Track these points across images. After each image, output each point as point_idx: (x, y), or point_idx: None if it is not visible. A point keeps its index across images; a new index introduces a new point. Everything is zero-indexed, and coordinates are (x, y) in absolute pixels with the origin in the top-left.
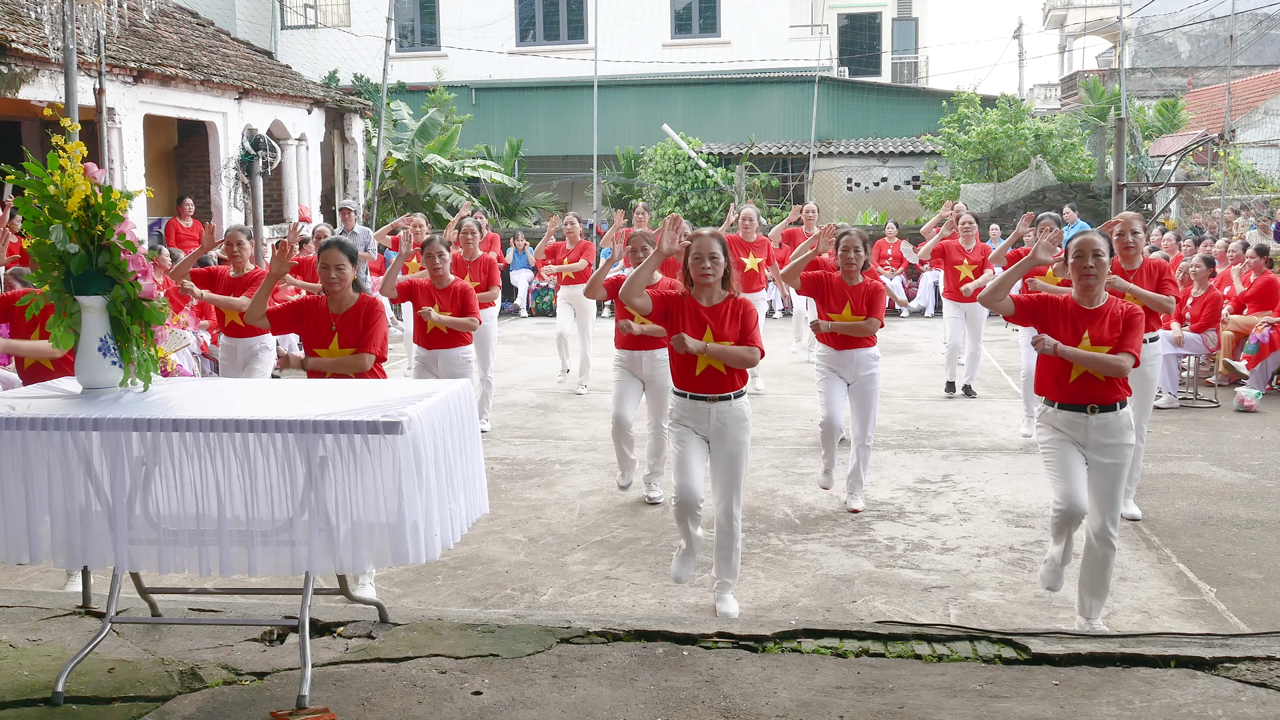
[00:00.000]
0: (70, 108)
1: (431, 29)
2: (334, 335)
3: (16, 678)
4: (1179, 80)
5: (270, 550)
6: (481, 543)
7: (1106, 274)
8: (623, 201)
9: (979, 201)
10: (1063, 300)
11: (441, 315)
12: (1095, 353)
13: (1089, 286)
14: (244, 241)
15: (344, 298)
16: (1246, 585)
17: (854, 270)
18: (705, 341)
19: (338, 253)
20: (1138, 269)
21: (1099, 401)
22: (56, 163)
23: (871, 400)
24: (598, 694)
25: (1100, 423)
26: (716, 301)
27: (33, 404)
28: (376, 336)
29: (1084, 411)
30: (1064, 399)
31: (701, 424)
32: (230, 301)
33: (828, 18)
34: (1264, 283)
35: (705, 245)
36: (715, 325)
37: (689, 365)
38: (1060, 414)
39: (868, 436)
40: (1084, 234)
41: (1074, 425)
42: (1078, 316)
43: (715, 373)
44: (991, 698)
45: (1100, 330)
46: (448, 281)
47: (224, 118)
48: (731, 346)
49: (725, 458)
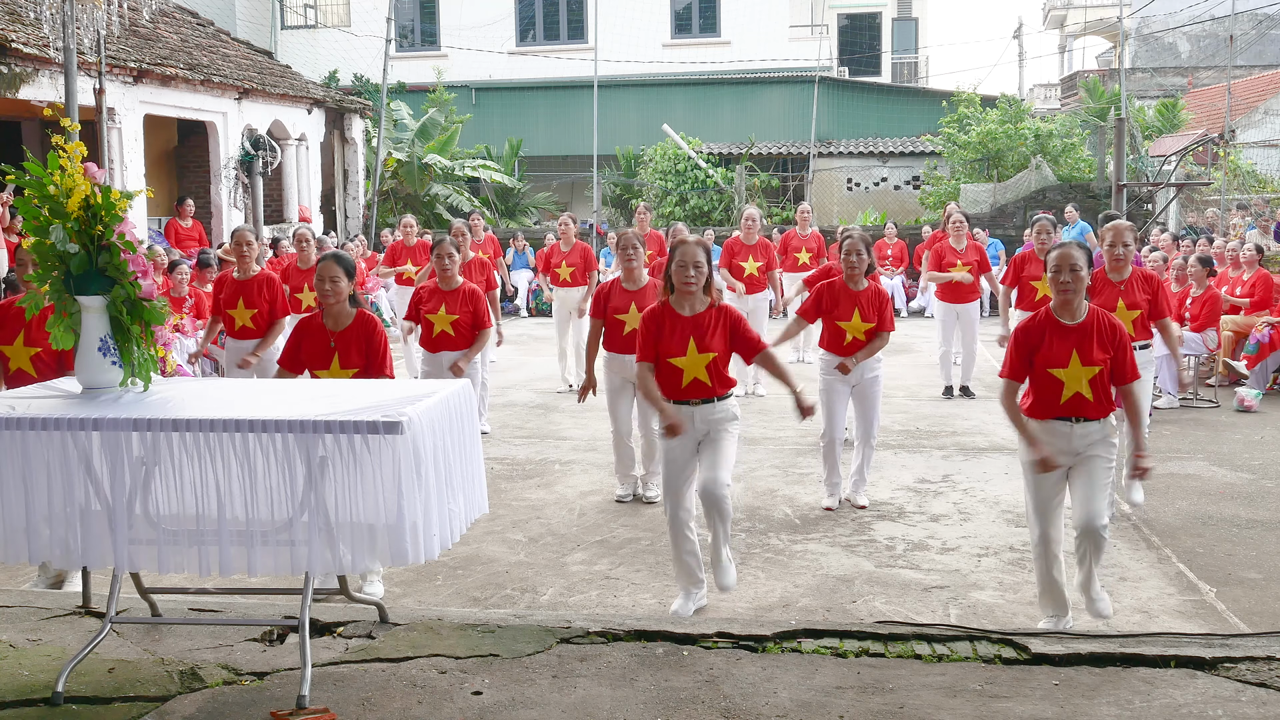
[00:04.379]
0: (70, 108)
1: (431, 29)
2: (334, 354)
3: (16, 678)
4: (1179, 80)
5: (270, 550)
6: (481, 543)
7: (1085, 286)
8: (623, 202)
9: (979, 201)
10: (1040, 319)
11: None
12: (1136, 411)
13: (1067, 301)
14: (252, 242)
15: (340, 313)
16: (1246, 585)
17: (857, 274)
18: (691, 353)
19: (334, 265)
20: (1126, 279)
21: (1086, 416)
22: (56, 163)
23: (875, 402)
24: (598, 694)
25: (1083, 431)
26: (699, 310)
27: (33, 404)
28: (387, 359)
29: (1068, 422)
30: (1052, 417)
31: (686, 428)
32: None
33: (828, 18)
34: (1257, 279)
35: (691, 253)
36: (698, 336)
37: (675, 377)
38: (1043, 425)
39: (872, 436)
40: (1061, 247)
41: (1056, 434)
42: (1061, 333)
43: (701, 384)
44: (991, 698)
45: (1089, 348)
46: (456, 284)
47: (224, 118)
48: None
49: (710, 444)
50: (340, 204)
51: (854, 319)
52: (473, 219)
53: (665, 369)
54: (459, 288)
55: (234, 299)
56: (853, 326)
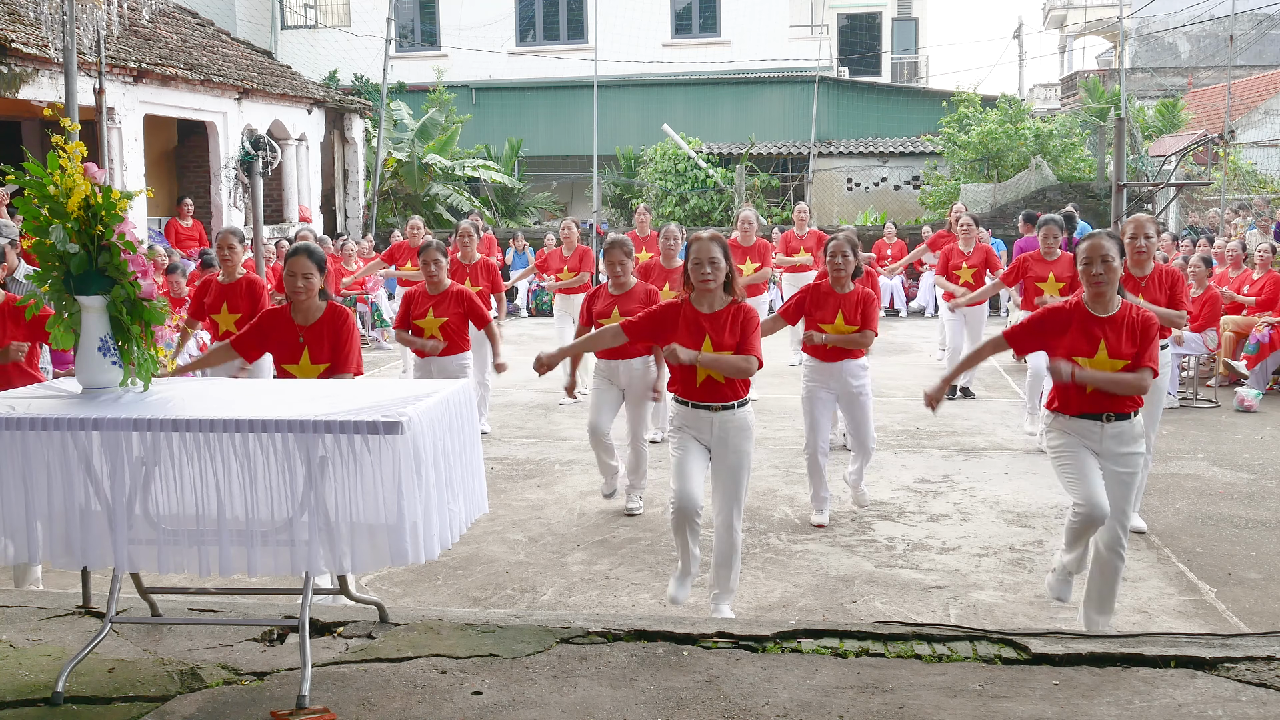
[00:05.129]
0: (70, 108)
1: (431, 29)
2: (303, 348)
3: (16, 678)
4: (1179, 80)
5: (270, 550)
6: (481, 543)
7: (1118, 278)
8: (623, 202)
9: (979, 201)
10: (1070, 308)
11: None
12: (1115, 374)
13: (1100, 293)
14: (235, 245)
15: (310, 308)
16: (1246, 585)
17: (843, 277)
18: (702, 351)
19: (305, 260)
20: (1149, 275)
21: (1115, 411)
22: (56, 163)
23: (865, 412)
24: (598, 694)
25: (1115, 431)
26: (719, 308)
27: (33, 404)
28: (352, 355)
29: (1098, 420)
30: (1079, 411)
31: (703, 432)
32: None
33: (828, 18)
34: (1268, 280)
35: (705, 249)
36: (715, 333)
37: (689, 374)
38: (1073, 422)
39: (868, 441)
40: (1092, 237)
41: (1087, 433)
42: (1091, 324)
43: (715, 382)
44: (991, 698)
45: (1117, 340)
46: (444, 287)
47: (224, 118)
48: (728, 356)
49: (727, 468)
50: (340, 204)
51: (837, 321)
52: (472, 220)
53: (680, 367)
54: (447, 290)
55: (218, 303)
56: (835, 330)
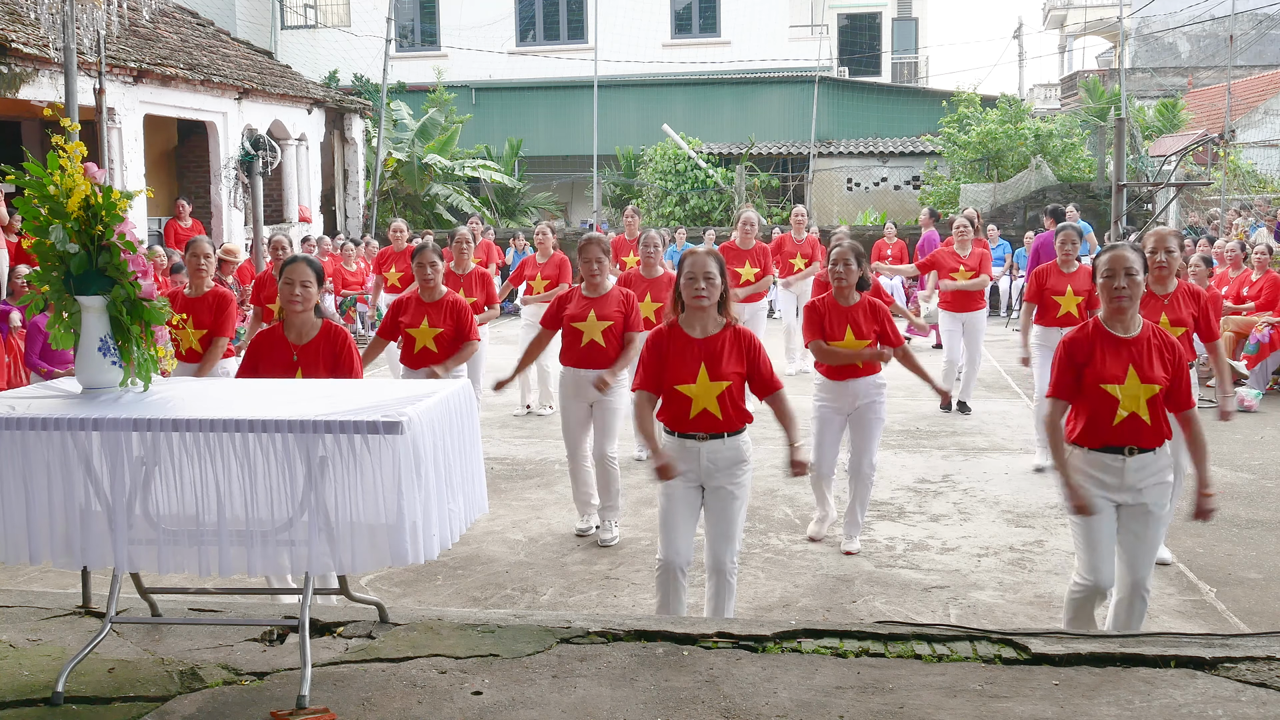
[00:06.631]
0: (70, 108)
1: (431, 29)
2: (297, 368)
3: (16, 678)
4: (1179, 80)
5: (270, 550)
6: (481, 543)
7: (1140, 294)
8: (623, 202)
9: (979, 201)
10: (1088, 332)
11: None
12: (1200, 442)
13: (1121, 310)
14: (210, 254)
15: (305, 323)
16: (1246, 585)
17: (846, 289)
18: (701, 380)
19: (304, 268)
20: (1171, 294)
21: (1141, 445)
22: (56, 163)
23: (873, 431)
24: (598, 694)
25: (1138, 464)
26: (712, 332)
27: (33, 404)
28: (356, 372)
29: (1120, 454)
30: (1101, 444)
31: (690, 466)
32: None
33: (828, 18)
34: (1266, 281)
35: (701, 263)
36: (710, 362)
37: (682, 406)
38: (1093, 456)
39: (865, 467)
40: (1114, 249)
41: (1107, 469)
42: (1116, 346)
43: (711, 416)
44: (991, 698)
45: (1148, 365)
46: (440, 294)
47: (224, 118)
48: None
49: (717, 505)
50: (340, 204)
51: (847, 337)
52: (471, 223)
53: (672, 397)
54: (443, 298)
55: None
56: (846, 345)
